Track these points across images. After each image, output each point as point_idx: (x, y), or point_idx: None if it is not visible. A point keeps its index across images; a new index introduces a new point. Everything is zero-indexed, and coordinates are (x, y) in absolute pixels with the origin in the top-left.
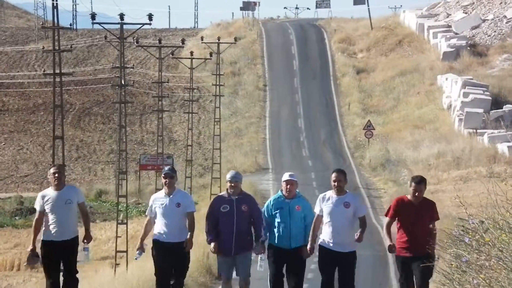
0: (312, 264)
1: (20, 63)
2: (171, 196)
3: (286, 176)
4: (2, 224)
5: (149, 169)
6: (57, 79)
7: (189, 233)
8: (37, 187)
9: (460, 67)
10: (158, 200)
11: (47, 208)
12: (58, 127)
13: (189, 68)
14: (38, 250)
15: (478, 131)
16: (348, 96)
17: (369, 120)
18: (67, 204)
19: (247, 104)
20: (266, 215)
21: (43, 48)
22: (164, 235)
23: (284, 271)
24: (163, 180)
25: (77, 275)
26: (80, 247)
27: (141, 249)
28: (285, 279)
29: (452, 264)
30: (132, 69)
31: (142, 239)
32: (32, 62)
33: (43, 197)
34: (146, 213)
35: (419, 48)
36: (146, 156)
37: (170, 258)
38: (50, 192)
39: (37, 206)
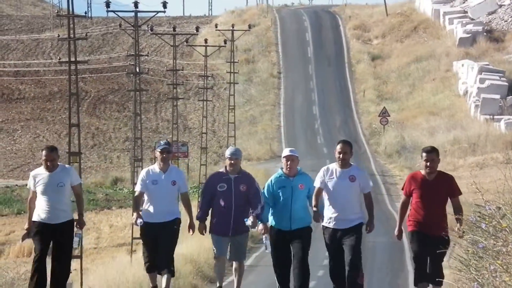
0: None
1: (35, 51)
2: (166, 172)
3: (286, 152)
4: (19, 211)
5: None
6: (73, 67)
7: (187, 216)
8: None
9: (476, 53)
10: (152, 175)
11: (38, 189)
12: (74, 115)
13: (203, 56)
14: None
15: (495, 117)
16: (363, 82)
17: (384, 107)
18: (59, 187)
19: (262, 91)
20: (266, 195)
21: (58, 36)
22: (153, 215)
23: (288, 253)
24: (160, 156)
25: (72, 270)
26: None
27: (140, 217)
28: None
29: (468, 250)
30: (146, 57)
31: (138, 210)
32: (47, 50)
33: (34, 177)
34: (136, 188)
35: (435, 34)
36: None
37: (158, 239)
38: (42, 172)
39: (30, 186)
